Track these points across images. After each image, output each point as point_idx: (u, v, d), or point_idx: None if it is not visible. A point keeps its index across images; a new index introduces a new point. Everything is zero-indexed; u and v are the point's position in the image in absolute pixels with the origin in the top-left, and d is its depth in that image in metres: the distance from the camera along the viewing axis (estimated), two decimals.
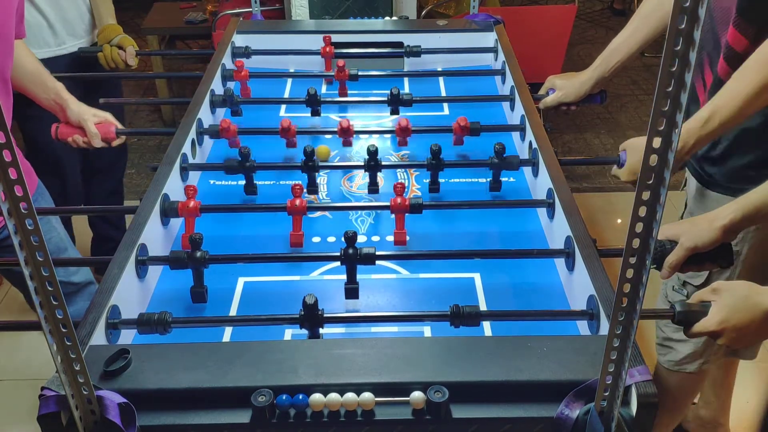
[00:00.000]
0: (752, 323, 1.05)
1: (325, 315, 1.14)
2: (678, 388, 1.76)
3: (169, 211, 1.41)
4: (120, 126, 1.77)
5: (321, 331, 1.15)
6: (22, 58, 1.70)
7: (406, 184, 1.64)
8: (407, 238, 1.43)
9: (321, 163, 1.57)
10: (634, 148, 1.50)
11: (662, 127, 0.74)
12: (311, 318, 1.13)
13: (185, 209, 1.40)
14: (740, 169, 1.49)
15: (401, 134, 1.69)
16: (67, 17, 2.18)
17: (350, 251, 1.25)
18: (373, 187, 1.59)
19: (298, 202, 1.40)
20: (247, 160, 1.54)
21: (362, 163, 1.56)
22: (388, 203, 1.41)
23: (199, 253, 1.25)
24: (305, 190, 1.54)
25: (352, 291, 1.27)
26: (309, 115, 1.84)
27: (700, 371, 1.69)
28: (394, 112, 1.84)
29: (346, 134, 1.71)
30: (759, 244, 1.52)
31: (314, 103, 1.82)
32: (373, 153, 1.53)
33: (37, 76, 1.74)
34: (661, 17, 1.64)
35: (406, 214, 1.42)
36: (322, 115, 1.86)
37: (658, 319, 1.66)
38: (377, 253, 1.26)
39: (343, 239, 1.26)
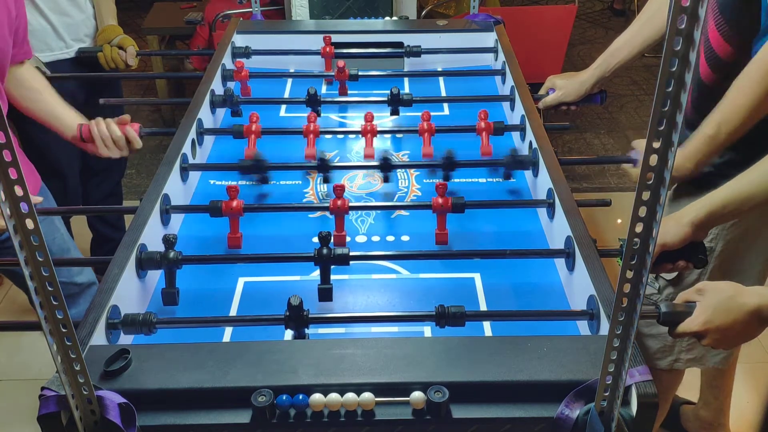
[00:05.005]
0: (736, 324, 1.04)
1: (310, 315, 1.13)
2: None
3: (169, 210, 1.41)
4: None
5: (321, 331, 1.15)
6: (43, 93, 1.67)
7: (407, 184, 1.64)
8: (448, 237, 1.42)
9: (271, 163, 1.55)
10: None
11: (662, 127, 0.74)
12: (296, 318, 1.12)
13: (229, 209, 1.40)
14: None
15: (426, 133, 1.68)
16: (72, 22, 2.18)
17: (324, 251, 1.24)
18: (323, 190, 1.54)
19: (339, 202, 1.39)
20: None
21: (314, 164, 1.55)
22: (388, 203, 1.41)
23: (172, 254, 1.25)
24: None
25: (325, 292, 1.26)
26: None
27: (673, 370, 1.68)
28: (394, 112, 1.84)
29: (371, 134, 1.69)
30: (733, 241, 1.52)
31: (314, 103, 1.82)
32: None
33: (59, 110, 1.69)
34: (664, 19, 1.64)
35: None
36: (322, 115, 1.86)
37: (641, 320, 1.66)
38: (373, 253, 1.26)
39: (317, 239, 1.25)
